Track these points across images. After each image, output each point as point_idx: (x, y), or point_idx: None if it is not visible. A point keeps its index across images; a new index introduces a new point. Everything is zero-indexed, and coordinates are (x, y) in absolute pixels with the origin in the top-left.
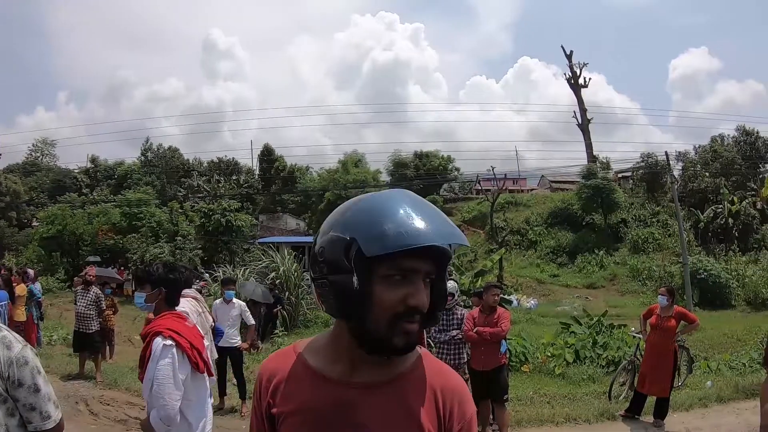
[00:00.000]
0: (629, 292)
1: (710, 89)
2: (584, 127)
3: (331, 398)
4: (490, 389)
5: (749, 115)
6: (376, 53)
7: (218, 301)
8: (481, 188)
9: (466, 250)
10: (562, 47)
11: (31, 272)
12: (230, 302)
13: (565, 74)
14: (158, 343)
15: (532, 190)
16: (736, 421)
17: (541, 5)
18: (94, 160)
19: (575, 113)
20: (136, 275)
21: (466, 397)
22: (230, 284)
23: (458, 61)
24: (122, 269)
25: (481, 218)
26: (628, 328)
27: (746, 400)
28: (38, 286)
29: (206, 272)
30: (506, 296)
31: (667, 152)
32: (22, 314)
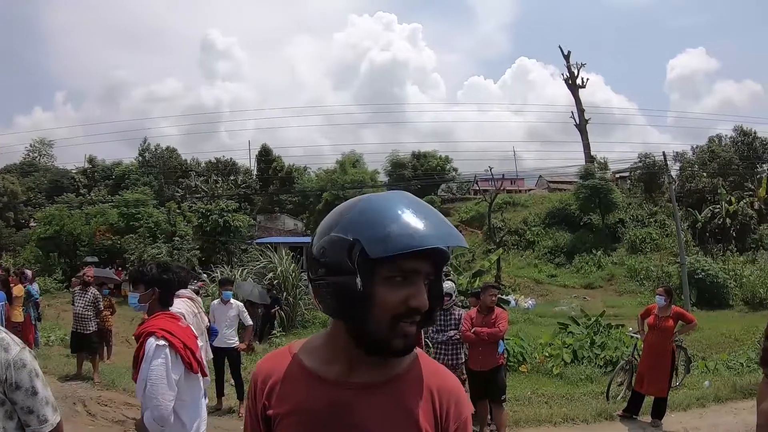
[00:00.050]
0: (627, 292)
1: (708, 89)
2: (582, 127)
3: (327, 399)
4: (487, 389)
5: (747, 115)
6: (374, 53)
7: (216, 301)
8: (478, 188)
9: (464, 250)
10: (559, 47)
11: (28, 273)
12: (228, 303)
13: (562, 74)
14: (151, 343)
15: (529, 190)
16: (733, 420)
17: (539, 6)
18: (91, 160)
19: (573, 113)
20: (129, 275)
21: (461, 397)
22: (228, 285)
23: (456, 61)
24: (120, 270)
25: (478, 218)
26: (625, 328)
27: (744, 399)
28: (36, 286)
29: (204, 273)
30: (504, 296)
31: (664, 152)
32: (19, 315)
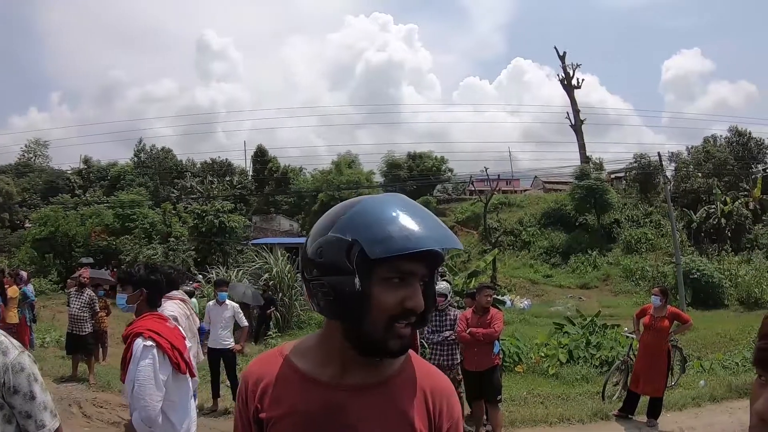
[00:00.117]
0: (622, 292)
1: (703, 90)
2: (577, 127)
3: (321, 401)
4: (483, 390)
5: (742, 116)
6: (369, 54)
7: (211, 302)
8: (474, 189)
9: (459, 251)
10: (555, 48)
11: (24, 274)
12: (223, 304)
13: (558, 75)
14: (138, 344)
15: (525, 190)
16: (729, 420)
17: (534, 6)
18: (87, 161)
19: (568, 114)
20: (118, 276)
21: (453, 397)
22: (223, 286)
23: (452, 62)
24: (115, 271)
25: (474, 219)
26: (621, 328)
27: (739, 399)
28: (31, 288)
29: (199, 274)
30: (499, 297)
31: (659, 153)
32: (14, 316)
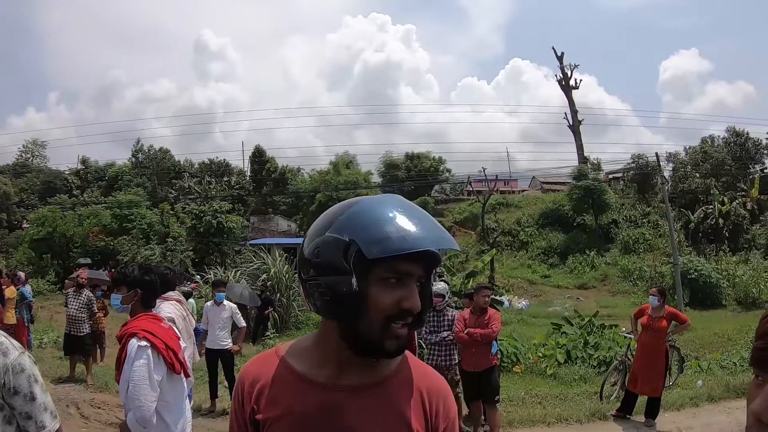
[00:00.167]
0: (620, 292)
1: (700, 91)
2: (575, 128)
3: (318, 402)
4: (481, 390)
5: (739, 116)
6: (367, 54)
7: (209, 303)
8: (472, 189)
9: (457, 251)
10: (553, 49)
11: (21, 275)
12: (221, 304)
13: (556, 76)
14: (133, 344)
15: (523, 191)
16: (726, 420)
17: (532, 7)
18: (84, 161)
19: (566, 114)
20: (112, 277)
21: (450, 397)
22: (221, 286)
23: (450, 62)
24: (113, 271)
25: (472, 219)
26: (619, 328)
27: (737, 399)
28: (29, 288)
29: (197, 274)
30: (497, 297)
31: (657, 153)
32: (12, 317)
